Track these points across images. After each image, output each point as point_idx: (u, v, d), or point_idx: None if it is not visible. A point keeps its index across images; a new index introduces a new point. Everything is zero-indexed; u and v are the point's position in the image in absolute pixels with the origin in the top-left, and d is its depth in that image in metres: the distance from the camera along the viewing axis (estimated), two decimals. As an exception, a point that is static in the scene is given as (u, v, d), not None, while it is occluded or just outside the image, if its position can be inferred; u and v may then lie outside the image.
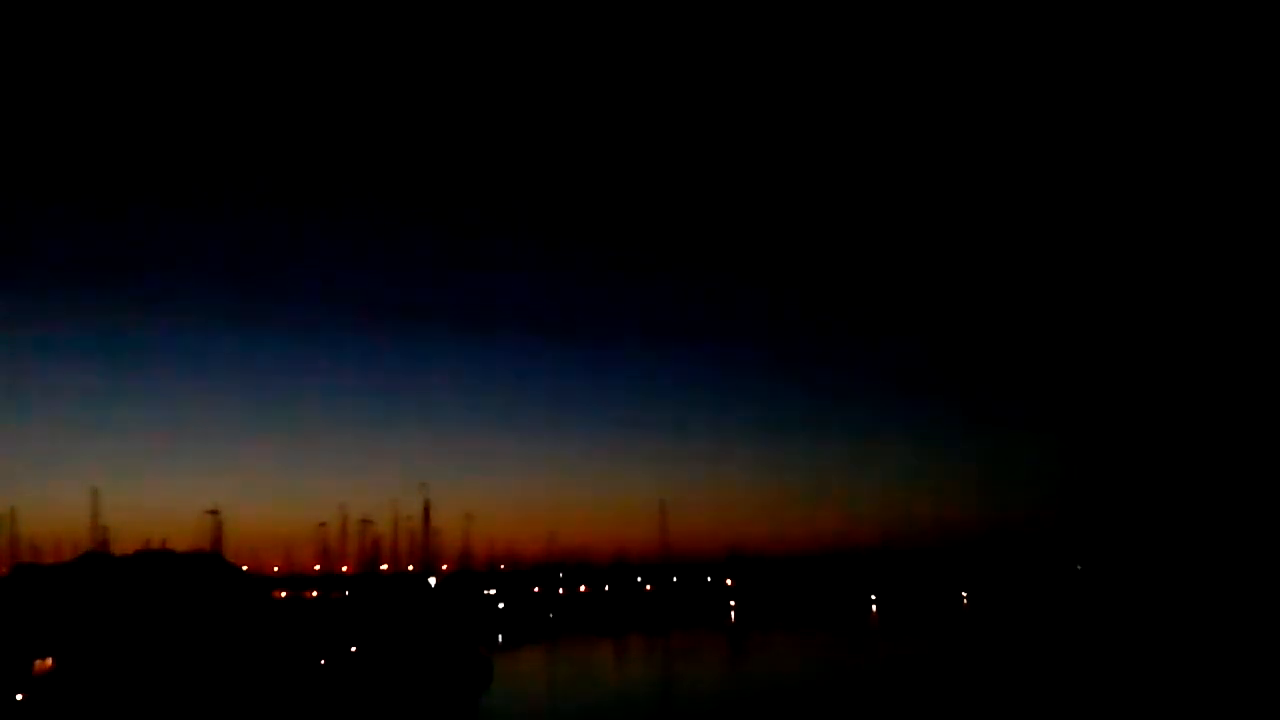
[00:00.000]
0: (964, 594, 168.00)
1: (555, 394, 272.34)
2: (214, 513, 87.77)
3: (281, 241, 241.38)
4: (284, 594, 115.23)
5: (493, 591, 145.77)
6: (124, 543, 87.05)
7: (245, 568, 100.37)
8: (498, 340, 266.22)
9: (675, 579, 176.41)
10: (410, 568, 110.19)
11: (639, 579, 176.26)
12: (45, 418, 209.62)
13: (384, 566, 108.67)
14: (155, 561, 77.64)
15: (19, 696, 53.00)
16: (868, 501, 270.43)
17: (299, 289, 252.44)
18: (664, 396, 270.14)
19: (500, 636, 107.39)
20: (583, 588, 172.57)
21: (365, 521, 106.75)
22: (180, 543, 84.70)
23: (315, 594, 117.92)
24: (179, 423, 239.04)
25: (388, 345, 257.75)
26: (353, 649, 74.86)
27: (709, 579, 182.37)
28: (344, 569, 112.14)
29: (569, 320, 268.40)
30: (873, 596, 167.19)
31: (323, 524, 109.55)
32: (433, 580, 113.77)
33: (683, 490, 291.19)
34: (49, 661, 56.91)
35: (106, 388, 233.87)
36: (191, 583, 73.41)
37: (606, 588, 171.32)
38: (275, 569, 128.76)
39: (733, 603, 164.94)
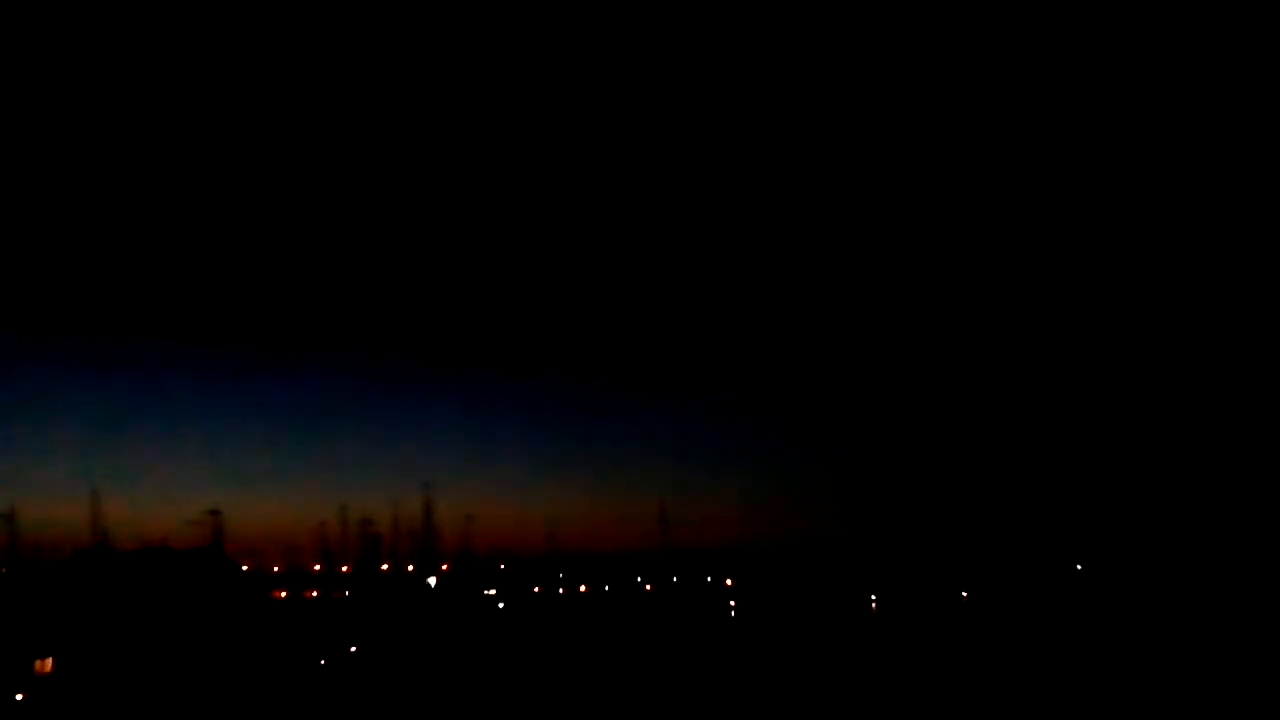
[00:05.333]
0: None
1: (555, 395, 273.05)
2: (215, 512, 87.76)
3: (282, 243, 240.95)
4: (284, 593, 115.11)
5: (493, 591, 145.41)
6: (124, 543, 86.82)
7: (245, 567, 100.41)
8: (497, 341, 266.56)
9: (675, 579, 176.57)
10: (410, 568, 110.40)
11: (639, 579, 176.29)
12: (45, 417, 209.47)
13: (384, 566, 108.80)
14: (155, 559, 77.86)
15: (19, 696, 52.95)
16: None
17: (298, 289, 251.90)
18: (663, 401, 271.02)
19: (501, 636, 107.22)
20: (583, 588, 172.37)
21: (365, 521, 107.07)
22: (180, 543, 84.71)
23: (315, 594, 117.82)
24: (179, 423, 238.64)
25: (388, 346, 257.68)
26: (353, 649, 74.91)
27: (709, 578, 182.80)
28: (344, 569, 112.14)
29: (568, 323, 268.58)
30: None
31: (323, 524, 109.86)
32: (433, 580, 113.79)
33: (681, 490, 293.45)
34: (49, 661, 56.88)
35: (107, 387, 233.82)
36: (191, 581, 73.57)
37: (606, 587, 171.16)
38: (275, 569, 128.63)
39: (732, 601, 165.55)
